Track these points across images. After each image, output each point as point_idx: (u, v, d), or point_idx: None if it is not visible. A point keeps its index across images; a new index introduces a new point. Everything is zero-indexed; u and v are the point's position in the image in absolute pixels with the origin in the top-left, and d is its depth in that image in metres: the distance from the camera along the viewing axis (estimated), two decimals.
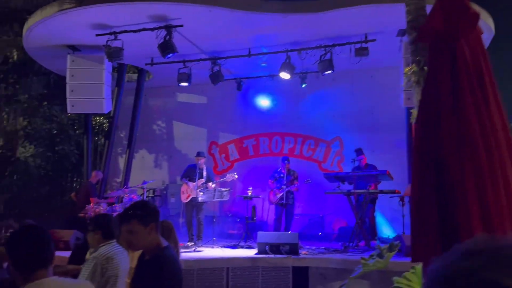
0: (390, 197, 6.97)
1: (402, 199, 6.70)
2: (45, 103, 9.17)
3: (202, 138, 9.77)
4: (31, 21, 6.74)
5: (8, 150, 8.91)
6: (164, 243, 2.31)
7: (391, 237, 7.50)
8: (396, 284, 3.01)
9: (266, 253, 6.05)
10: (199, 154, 7.46)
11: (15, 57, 8.60)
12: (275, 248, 6.04)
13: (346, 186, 7.13)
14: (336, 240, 7.74)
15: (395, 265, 4.27)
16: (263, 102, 9.31)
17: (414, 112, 3.66)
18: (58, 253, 6.13)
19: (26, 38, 7.13)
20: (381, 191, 6.77)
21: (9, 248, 1.84)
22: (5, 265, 2.94)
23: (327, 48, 6.81)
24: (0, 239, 2.97)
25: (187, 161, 8.95)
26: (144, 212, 2.25)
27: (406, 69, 3.76)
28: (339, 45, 6.78)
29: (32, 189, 9.66)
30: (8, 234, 3.09)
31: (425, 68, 3.54)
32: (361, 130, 8.54)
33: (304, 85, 8.37)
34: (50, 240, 1.88)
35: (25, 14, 8.20)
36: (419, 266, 3.04)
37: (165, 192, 9.49)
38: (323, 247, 6.70)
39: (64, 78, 7.73)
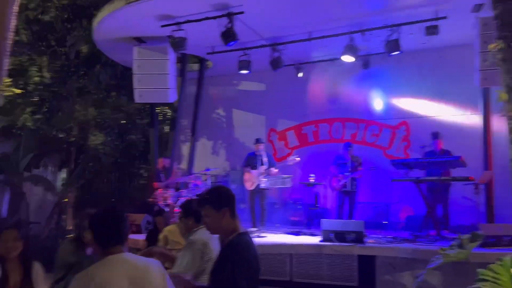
0: (464, 184, 6.59)
1: (477, 186, 6.31)
2: (113, 93, 9.71)
3: (261, 125, 9.83)
4: (100, 15, 7.12)
5: (81, 139, 9.57)
6: (242, 228, 2.33)
7: (463, 227, 7.13)
8: (481, 277, 2.86)
9: (330, 240, 5.99)
10: (258, 141, 7.52)
11: (85, 50, 9.14)
12: (340, 236, 5.97)
13: (414, 173, 6.84)
14: (404, 229, 7.49)
15: (471, 256, 4.05)
16: (323, 87, 9.13)
17: (502, 93, 3.41)
18: (131, 236, 6.52)
19: (96, 31, 7.54)
20: (454, 178, 6.41)
21: (92, 225, 2.07)
22: (88, 250, 3.15)
23: (393, 28, 6.51)
24: (83, 227, 3.20)
25: (245, 149, 9.07)
26: (216, 197, 2.31)
27: (491, 46, 3.50)
28: (407, 23, 6.44)
29: (103, 176, 10.35)
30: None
31: None
32: (430, 114, 8.12)
33: (367, 68, 8.09)
34: (125, 219, 2.10)
35: (92, 9, 8.66)
36: (507, 258, 2.85)
37: (226, 179, 9.70)
38: (390, 236, 6.52)
39: (130, 69, 8.12)
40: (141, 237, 6.19)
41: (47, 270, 2.92)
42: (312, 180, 7.38)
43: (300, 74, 8.76)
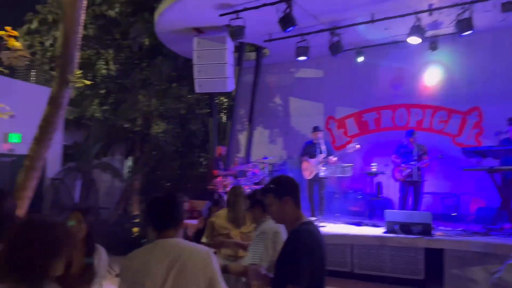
0: None
1: None
2: (174, 84, 10.01)
3: (318, 113, 9.64)
4: (161, 7, 7.33)
5: (145, 128, 10.01)
6: (306, 218, 2.29)
7: None
8: None
9: (395, 232, 5.78)
10: (316, 129, 7.39)
11: (147, 42, 9.47)
12: (406, 228, 5.73)
13: (487, 162, 6.36)
14: (474, 222, 7.04)
15: None
16: (386, 72, 8.73)
17: None
18: (192, 221, 6.71)
19: (157, 24, 7.78)
20: None
21: (147, 208, 2.14)
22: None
23: (465, 6, 6.02)
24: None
25: (303, 137, 8.97)
26: (278, 185, 2.29)
27: None
28: (481, 0, 5.92)
29: (165, 164, 10.79)
30: None
31: None
32: (505, 99, 7.47)
33: (434, 50, 7.60)
34: (179, 205, 2.11)
35: (153, 2, 8.92)
36: None
37: (283, 167, 9.68)
38: (460, 229, 6.15)
39: (190, 60, 8.30)
40: (194, 222, 6.38)
41: (113, 253, 2.99)
42: (374, 169, 7.13)
43: (361, 59, 8.42)
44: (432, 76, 8.31)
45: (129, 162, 11.33)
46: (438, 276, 5.56)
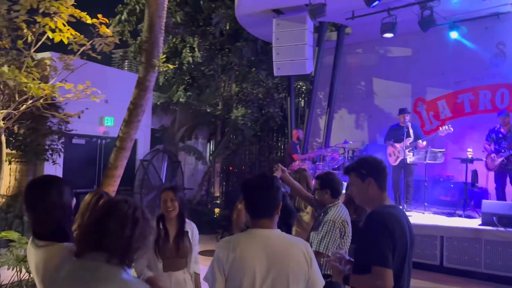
0: None
1: None
2: (254, 69, 10.03)
3: (405, 95, 8.99)
4: None
5: (226, 113, 10.23)
6: (390, 201, 2.15)
7: None
8: None
9: (493, 225, 5.21)
10: (402, 111, 6.91)
11: (227, 27, 9.57)
12: (506, 220, 5.13)
13: None
14: None
15: None
16: (485, 48, 7.79)
17: None
18: None
19: (238, 7, 7.79)
20: None
21: (242, 192, 1.97)
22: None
23: None
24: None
25: (388, 121, 8.46)
26: (362, 165, 2.18)
27: None
28: None
29: (245, 148, 10.96)
30: None
31: None
32: None
33: (454, 35, 6.63)
34: (274, 190, 1.90)
35: None
36: None
37: (364, 152, 9.26)
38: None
39: (269, 44, 8.21)
40: None
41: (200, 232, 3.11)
42: (470, 155, 6.44)
43: (454, 34, 7.60)
44: None
45: (211, 146, 11.72)
46: None
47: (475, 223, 5.57)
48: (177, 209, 2.78)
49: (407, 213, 6.14)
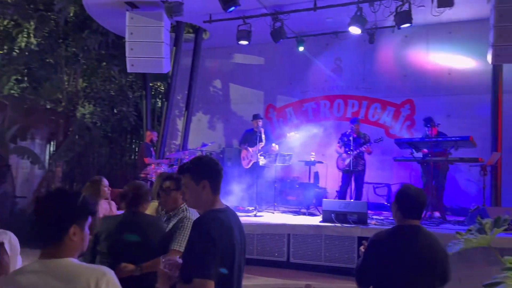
0: (470, 166, 6.36)
1: (484, 168, 6.06)
2: (104, 64, 9.23)
3: (259, 101, 9.49)
4: None
5: (70, 111, 9.16)
6: (221, 205, 2.06)
7: (466, 210, 6.96)
8: (509, 265, 2.59)
9: (331, 221, 5.77)
10: (256, 117, 7.20)
11: (71, 14, 8.57)
12: (342, 217, 5.74)
13: (418, 153, 6.59)
14: None
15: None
16: (325, 62, 8.74)
17: None
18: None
19: None
20: (462, 159, 6.17)
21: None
22: None
23: None
24: None
25: (243, 125, 8.76)
26: (197, 166, 2.03)
27: None
28: None
29: (93, 150, 9.98)
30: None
31: None
32: (436, 92, 7.81)
33: (372, 42, 7.72)
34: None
35: None
36: None
37: (221, 155, 9.42)
38: (392, 218, 6.29)
39: (122, 38, 7.65)
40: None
41: (32, 247, 2.61)
42: (312, 158, 7.10)
43: (301, 48, 8.37)
44: (369, 68, 8.46)
45: (51, 147, 10.33)
46: None
47: (316, 220, 6.10)
48: None
49: (260, 214, 6.46)
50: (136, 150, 10.20)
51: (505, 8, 5.72)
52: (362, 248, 2.62)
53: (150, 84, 9.43)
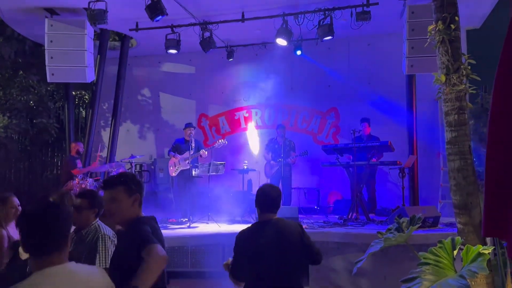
0: (390, 168, 6.83)
1: (402, 170, 6.54)
2: (21, 72, 8.54)
3: (191, 110, 9.40)
4: None
5: None
6: (142, 216, 2.22)
7: (388, 210, 7.44)
8: (423, 260, 2.82)
9: None
10: (187, 126, 7.11)
11: None
12: None
13: (343, 158, 6.95)
14: (332, 213, 7.63)
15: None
16: (255, 72, 8.89)
17: (436, 75, 3.41)
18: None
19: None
20: (382, 163, 6.61)
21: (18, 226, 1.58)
22: None
23: (327, 12, 6.44)
24: None
25: (175, 134, 8.61)
26: (132, 181, 2.15)
27: (430, 27, 3.47)
28: (339, 8, 6.41)
29: (10, 165, 9.15)
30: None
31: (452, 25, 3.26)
32: (358, 100, 8.30)
33: (299, 53, 8.01)
34: (59, 218, 1.58)
35: None
36: (447, 240, 2.84)
37: (153, 167, 9.18)
38: (321, 221, 6.55)
39: (41, 45, 7.15)
40: None
41: None
42: (245, 166, 7.16)
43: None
44: (297, 77, 8.76)
45: None
46: None
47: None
48: None
49: (193, 225, 6.35)
50: (59, 164, 9.53)
51: (416, 22, 6.25)
52: None
53: (73, 93, 8.92)
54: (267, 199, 2.86)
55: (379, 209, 7.41)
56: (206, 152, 6.82)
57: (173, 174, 6.96)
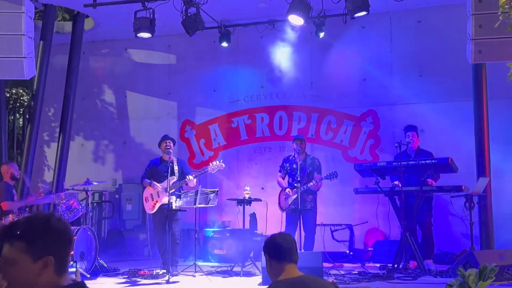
0: (452, 196, 6.77)
1: (470, 199, 6.49)
2: None
3: (170, 116, 9.51)
4: None
5: None
6: (67, 281, 1.87)
7: (450, 254, 7.37)
8: None
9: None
10: (164, 138, 7.10)
11: None
12: None
13: (386, 182, 6.92)
14: (371, 261, 7.57)
15: None
16: (260, 61, 8.94)
17: None
18: None
19: None
20: (440, 188, 6.55)
21: None
22: None
23: None
24: None
25: (147, 152, 8.66)
26: (37, 235, 1.79)
27: (502, 1, 3.46)
28: None
29: None
30: None
31: None
32: (405, 100, 8.31)
33: (321, 35, 8.05)
34: None
35: None
36: None
37: (117, 196, 9.22)
38: (356, 272, 6.51)
39: None
40: None
41: None
42: (247, 195, 7.13)
43: (225, 44, 8.47)
44: (319, 69, 8.79)
45: None
46: None
47: (255, 282, 6.09)
48: None
49: (174, 279, 6.32)
50: None
51: None
52: None
53: (7, 94, 9.02)
54: (282, 245, 2.90)
55: (438, 254, 7.36)
56: (195, 180, 6.80)
57: (151, 211, 6.95)
